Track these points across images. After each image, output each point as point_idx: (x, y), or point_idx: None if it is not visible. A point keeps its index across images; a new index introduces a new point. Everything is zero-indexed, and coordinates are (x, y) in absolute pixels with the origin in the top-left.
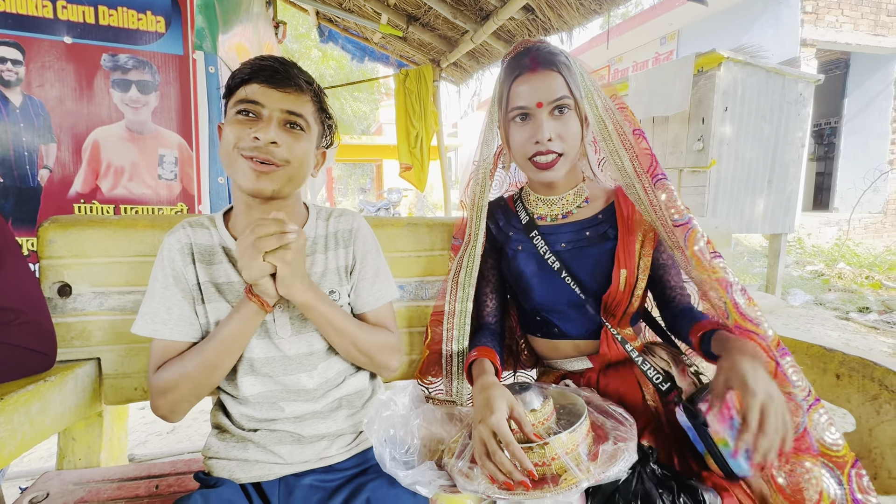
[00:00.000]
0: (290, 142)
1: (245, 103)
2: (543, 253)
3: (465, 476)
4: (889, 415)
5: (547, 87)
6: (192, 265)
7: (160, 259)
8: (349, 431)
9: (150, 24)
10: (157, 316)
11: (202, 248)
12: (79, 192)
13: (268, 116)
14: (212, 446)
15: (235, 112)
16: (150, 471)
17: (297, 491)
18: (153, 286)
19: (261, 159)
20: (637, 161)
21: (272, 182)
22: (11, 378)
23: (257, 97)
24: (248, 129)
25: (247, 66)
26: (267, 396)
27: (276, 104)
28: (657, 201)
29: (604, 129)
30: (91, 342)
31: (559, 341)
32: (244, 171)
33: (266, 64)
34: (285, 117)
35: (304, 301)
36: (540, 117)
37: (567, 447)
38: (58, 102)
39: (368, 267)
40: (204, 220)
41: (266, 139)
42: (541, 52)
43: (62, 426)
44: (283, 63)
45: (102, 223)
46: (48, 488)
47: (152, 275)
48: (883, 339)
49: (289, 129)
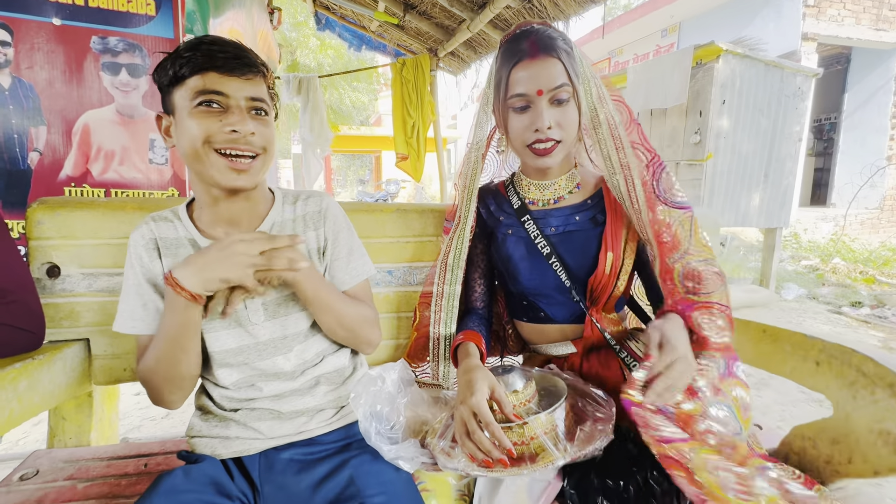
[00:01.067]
0: (261, 128)
1: (207, 94)
2: (534, 237)
3: (446, 454)
4: (865, 400)
5: (547, 74)
6: (159, 259)
7: (129, 257)
8: (330, 406)
9: (141, 6)
10: (134, 313)
11: (167, 241)
12: (69, 175)
13: (236, 106)
14: (194, 426)
15: (196, 104)
16: (140, 450)
17: (276, 464)
18: (126, 284)
19: (239, 150)
20: (622, 153)
21: (251, 177)
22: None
23: (219, 87)
24: (217, 121)
25: (195, 51)
26: (245, 381)
27: (240, 92)
28: (636, 195)
29: (595, 117)
30: (80, 323)
31: (545, 326)
32: (220, 168)
33: (217, 49)
34: (250, 105)
35: (296, 278)
36: (540, 105)
37: (546, 427)
38: (47, 85)
39: (341, 246)
40: (167, 214)
41: (245, 130)
42: (541, 36)
43: (51, 404)
44: (236, 47)
45: (91, 205)
46: (38, 466)
47: (125, 273)
48: (873, 332)
49: (255, 116)
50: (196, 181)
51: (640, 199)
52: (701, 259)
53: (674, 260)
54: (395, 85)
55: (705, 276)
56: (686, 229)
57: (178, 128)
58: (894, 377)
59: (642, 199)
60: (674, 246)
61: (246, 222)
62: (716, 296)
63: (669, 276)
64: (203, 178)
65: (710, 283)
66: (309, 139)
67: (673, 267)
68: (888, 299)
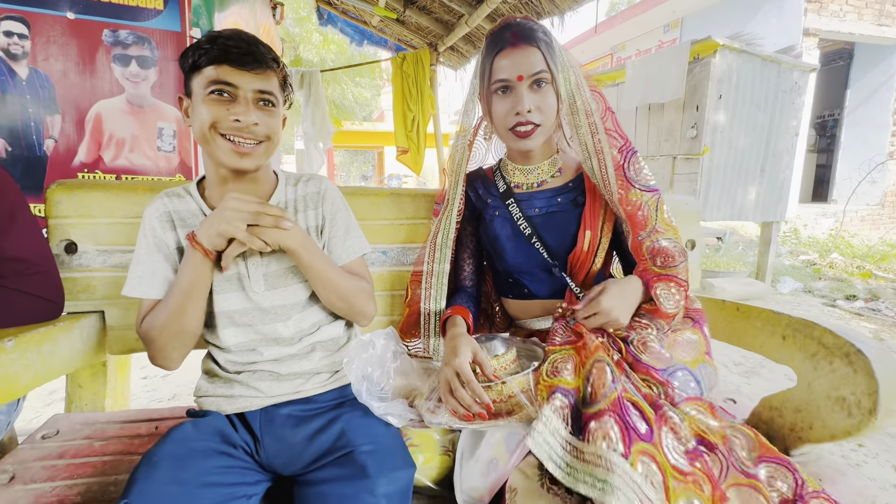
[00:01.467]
0: (265, 118)
1: (218, 84)
2: (517, 219)
3: (431, 412)
4: (824, 370)
5: (527, 61)
6: (173, 231)
7: (142, 228)
8: (325, 370)
9: (150, 1)
10: (143, 279)
11: (181, 214)
12: (83, 161)
13: (243, 97)
14: (202, 387)
15: (209, 92)
16: (151, 415)
17: (276, 419)
18: (138, 253)
19: (242, 137)
20: (597, 137)
21: (253, 160)
22: (23, 323)
23: (230, 79)
24: (224, 109)
25: (213, 44)
26: (247, 345)
27: (249, 85)
28: (608, 177)
29: (573, 103)
30: (96, 296)
31: (529, 301)
32: (225, 150)
33: (233, 45)
34: (258, 96)
35: (291, 246)
36: (520, 90)
37: (522, 386)
38: (62, 76)
39: (339, 225)
40: (179, 191)
41: (248, 121)
42: (521, 27)
43: (69, 369)
44: (250, 43)
45: (105, 187)
46: (58, 427)
47: (137, 242)
48: (865, 324)
49: (262, 107)
50: (206, 160)
51: (612, 181)
52: (667, 238)
53: (642, 237)
54: (395, 79)
55: (670, 252)
56: (653, 209)
57: (192, 110)
58: (850, 347)
59: (614, 180)
60: (643, 224)
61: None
62: (676, 270)
63: (639, 250)
64: (211, 158)
65: (674, 259)
66: (311, 133)
67: (642, 243)
68: (882, 293)
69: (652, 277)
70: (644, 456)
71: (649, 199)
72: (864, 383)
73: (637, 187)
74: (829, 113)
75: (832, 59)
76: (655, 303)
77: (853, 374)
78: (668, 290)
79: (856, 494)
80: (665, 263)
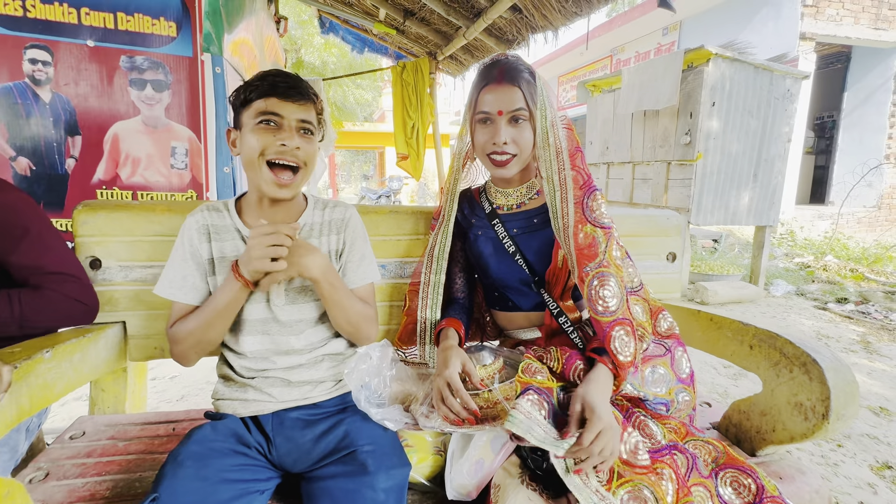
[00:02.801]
0: (305, 145)
1: (266, 114)
2: (502, 237)
3: (425, 416)
4: (785, 377)
5: (508, 98)
6: (208, 243)
7: (181, 235)
8: (330, 379)
9: (164, 28)
10: (174, 282)
11: (217, 227)
12: (101, 179)
13: (288, 126)
14: (218, 391)
15: (257, 122)
16: (168, 417)
17: (286, 421)
18: (174, 256)
19: (286, 160)
20: (563, 173)
21: (290, 191)
22: (63, 322)
23: (277, 109)
24: (271, 136)
25: (264, 81)
26: (262, 353)
27: (293, 115)
28: (567, 210)
29: (545, 139)
30: (118, 308)
31: (513, 313)
32: (267, 181)
33: (280, 80)
34: (300, 125)
35: (315, 276)
36: (499, 123)
37: (507, 394)
38: (82, 99)
39: (356, 251)
40: (219, 206)
41: (292, 145)
42: (507, 67)
43: (96, 375)
44: (294, 79)
45: (127, 207)
46: (84, 428)
47: (174, 247)
48: (854, 327)
49: (303, 135)
50: (250, 185)
51: (570, 215)
52: (609, 272)
53: (588, 269)
54: (395, 87)
55: (609, 285)
56: (603, 245)
57: (242, 141)
58: (806, 357)
59: (572, 214)
60: (592, 257)
61: (284, 220)
62: (619, 311)
63: (582, 282)
64: (254, 185)
65: (614, 299)
66: None
67: (587, 274)
68: (873, 296)
69: (603, 330)
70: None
71: (601, 235)
72: (819, 390)
73: (591, 223)
74: (829, 115)
75: (830, 62)
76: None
77: (809, 381)
78: (623, 333)
79: (813, 492)
80: (607, 307)
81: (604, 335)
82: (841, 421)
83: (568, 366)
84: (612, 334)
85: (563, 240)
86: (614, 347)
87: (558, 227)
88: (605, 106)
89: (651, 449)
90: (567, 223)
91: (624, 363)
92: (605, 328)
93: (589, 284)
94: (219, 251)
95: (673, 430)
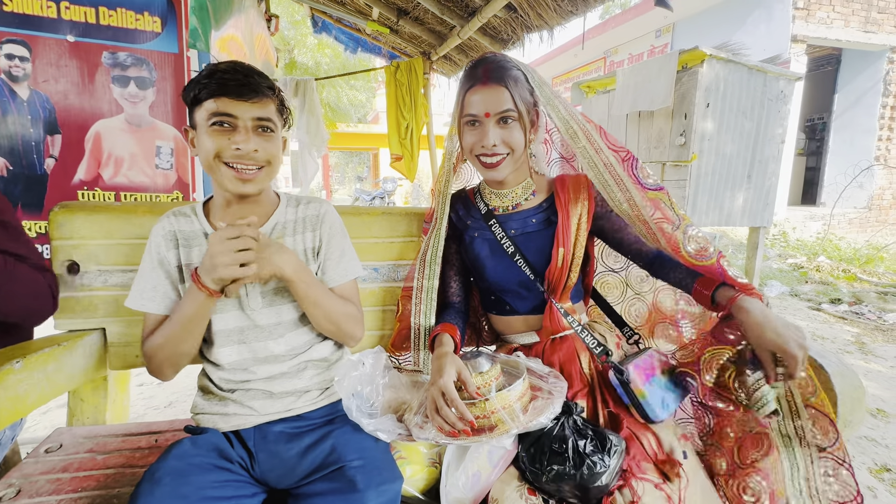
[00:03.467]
0: (265, 145)
1: (219, 116)
2: (500, 238)
3: (419, 427)
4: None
5: (495, 99)
6: (176, 249)
7: (149, 244)
8: (315, 388)
9: (148, 24)
10: (144, 293)
11: (185, 233)
12: (82, 179)
13: (243, 126)
14: (198, 404)
15: (210, 124)
16: (151, 428)
17: (269, 435)
18: (142, 267)
19: (243, 165)
20: (602, 154)
21: (255, 185)
22: (28, 301)
23: (229, 110)
24: (226, 139)
25: (212, 79)
26: (240, 363)
27: (247, 114)
28: (626, 185)
29: (569, 129)
30: (97, 314)
31: (511, 317)
32: (228, 177)
33: (230, 77)
34: (257, 123)
35: (287, 275)
36: (487, 125)
37: (503, 403)
38: (62, 97)
39: (334, 248)
40: (186, 210)
41: (248, 148)
42: (493, 66)
43: (73, 386)
44: (246, 74)
45: (106, 209)
46: (61, 440)
47: (143, 257)
48: (848, 328)
49: (261, 133)
50: (214, 186)
51: (630, 187)
52: (689, 224)
53: (673, 229)
54: (388, 87)
55: (702, 237)
56: (668, 205)
57: (197, 141)
58: (812, 362)
59: (632, 187)
60: (666, 219)
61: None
62: (714, 250)
63: (674, 243)
64: (218, 184)
65: (708, 242)
66: (305, 140)
67: (674, 234)
68: (866, 296)
69: (716, 269)
70: None
71: (661, 196)
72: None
73: (648, 189)
74: (819, 116)
75: (820, 64)
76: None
77: None
78: (727, 265)
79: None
80: (706, 250)
81: (720, 272)
82: (848, 428)
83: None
84: (724, 266)
85: (633, 212)
86: (733, 274)
87: (623, 210)
88: (599, 107)
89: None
90: (630, 196)
91: (748, 285)
92: (717, 268)
93: (683, 244)
94: (187, 258)
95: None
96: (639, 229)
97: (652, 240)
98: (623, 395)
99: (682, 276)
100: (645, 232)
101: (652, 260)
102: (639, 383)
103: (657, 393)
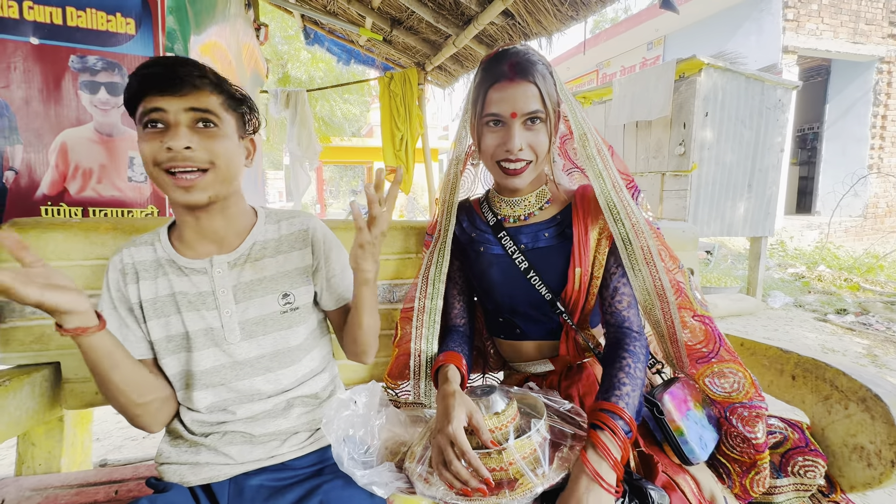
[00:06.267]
0: (205, 142)
1: (149, 114)
2: (512, 253)
3: (424, 481)
4: (839, 415)
5: (522, 98)
6: (135, 284)
7: (105, 281)
8: (304, 429)
9: (120, 25)
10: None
11: (146, 265)
12: (45, 194)
13: (175, 122)
14: (163, 452)
15: (143, 127)
16: (112, 476)
17: (246, 491)
18: (101, 307)
19: (180, 168)
20: (610, 170)
21: (204, 190)
22: None
23: (158, 105)
24: (159, 141)
25: (136, 77)
26: (219, 405)
27: (177, 107)
28: (627, 203)
29: (584, 141)
30: (50, 346)
31: (521, 343)
32: (169, 187)
33: (151, 71)
34: (192, 116)
35: (370, 278)
36: (513, 127)
37: (524, 451)
38: (24, 104)
39: (334, 263)
40: (147, 238)
41: (178, 146)
42: (520, 59)
43: (18, 431)
44: (169, 65)
45: (64, 226)
46: (3, 495)
47: (101, 295)
48: (858, 340)
49: (201, 129)
50: (170, 202)
51: (636, 214)
52: (676, 270)
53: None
54: (382, 98)
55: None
56: (687, 284)
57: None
58: (866, 392)
59: (637, 213)
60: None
61: (228, 240)
62: (698, 307)
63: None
64: (169, 198)
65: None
66: (297, 153)
67: (673, 274)
68: (872, 306)
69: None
70: None
71: (658, 234)
72: (885, 431)
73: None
74: (810, 126)
75: (811, 75)
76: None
77: (871, 420)
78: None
79: None
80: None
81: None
82: None
83: None
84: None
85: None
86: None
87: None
88: (596, 118)
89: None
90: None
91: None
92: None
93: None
94: (150, 291)
95: None
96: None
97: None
98: (656, 429)
99: (611, 380)
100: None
101: (612, 332)
102: (675, 418)
103: (694, 430)
